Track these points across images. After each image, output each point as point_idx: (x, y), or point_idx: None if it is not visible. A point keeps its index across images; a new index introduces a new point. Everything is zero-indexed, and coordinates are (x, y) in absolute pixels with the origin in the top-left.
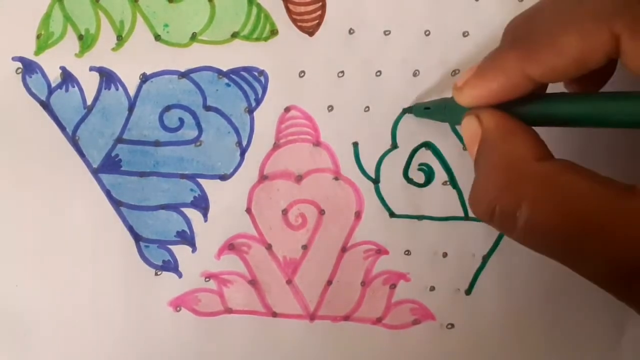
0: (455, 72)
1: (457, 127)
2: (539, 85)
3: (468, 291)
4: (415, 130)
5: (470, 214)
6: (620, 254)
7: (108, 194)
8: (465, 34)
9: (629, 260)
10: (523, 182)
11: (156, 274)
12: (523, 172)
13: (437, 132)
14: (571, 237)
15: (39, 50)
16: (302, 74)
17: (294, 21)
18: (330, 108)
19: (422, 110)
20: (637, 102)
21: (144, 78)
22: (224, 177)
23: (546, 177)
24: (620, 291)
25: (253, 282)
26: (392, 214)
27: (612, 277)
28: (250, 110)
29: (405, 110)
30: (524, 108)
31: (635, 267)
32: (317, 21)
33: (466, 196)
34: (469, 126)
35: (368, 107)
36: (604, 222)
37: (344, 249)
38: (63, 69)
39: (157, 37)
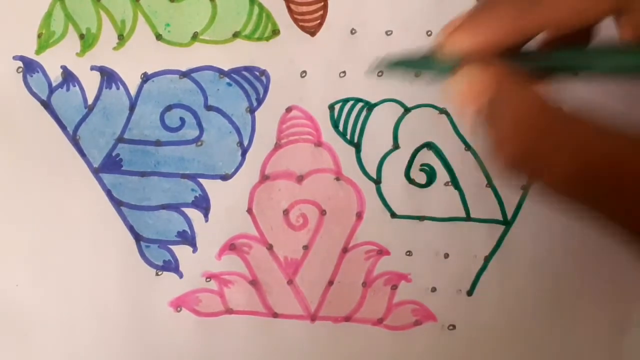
0: None
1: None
2: (525, 40)
3: (469, 292)
4: (416, 131)
5: (472, 215)
6: None
7: (109, 194)
8: None
9: None
10: (558, 128)
11: (157, 274)
12: (556, 118)
13: (438, 132)
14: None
15: (40, 49)
16: (304, 74)
17: (296, 21)
18: (331, 108)
19: (395, 63)
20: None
21: (145, 77)
22: (225, 177)
23: (577, 122)
24: None
25: (254, 283)
26: (393, 215)
27: None
28: (252, 110)
29: (389, 64)
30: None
31: None
32: (318, 21)
33: (468, 197)
34: (473, 78)
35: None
36: None
37: (345, 250)
38: (64, 68)
39: (159, 37)
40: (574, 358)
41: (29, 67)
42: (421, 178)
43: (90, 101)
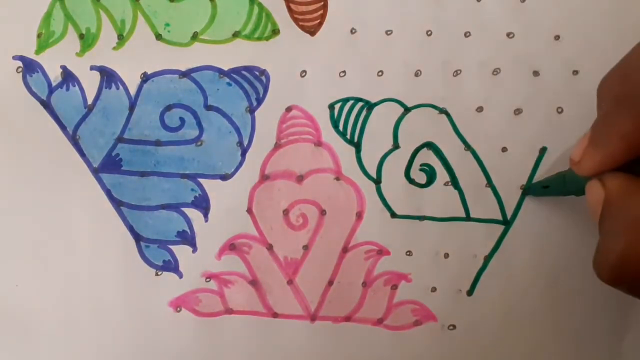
0: (457, 73)
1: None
2: None
3: (470, 292)
4: (416, 131)
5: (472, 215)
6: None
7: (108, 194)
8: (467, 34)
9: None
10: None
11: (156, 274)
12: None
13: (438, 132)
14: None
15: (40, 49)
16: (304, 73)
17: (296, 21)
18: (331, 108)
19: (541, 189)
20: None
21: (145, 77)
22: (224, 177)
23: None
24: None
25: (254, 283)
26: (393, 215)
27: None
28: (252, 110)
29: (524, 192)
30: None
31: None
32: (318, 21)
33: (467, 196)
34: (592, 190)
35: (370, 107)
36: None
37: (345, 250)
38: (64, 68)
39: (158, 37)
40: (573, 358)
41: (29, 67)
42: (421, 178)
43: (90, 101)
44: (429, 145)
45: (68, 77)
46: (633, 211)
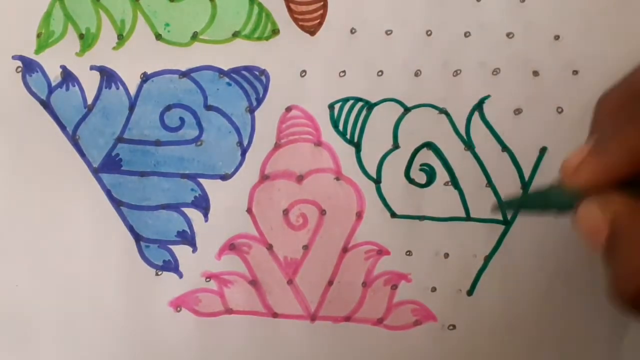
0: (456, 73)
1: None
2: None
3: (470, 292)
4: (416, 131)
5: (472, 214)
6: None
7: (108, 194)
8: (467, 34)
9: None
10: None
11: (156, 274)
12: None
13: (438, 132)
14: None
15: (40, 49)
16: (304, 73)
17: (296, 20)
18: (331, 108)
19: (517, 205)
20: None
21: (145, 77)
22: (224, 177)
23: None
24: None
25: (254, 283)
26: (393, 215)
27: None
28: (251, 110)
29: (503, 206)
30: None
31: None
32: (318, 20)
33: (467, 196)
34: (590, 215)
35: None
36: None
37: (345, 250)
38: (63, 68)
39: (158, 37)
40: (573, 358)
41: (28, 66)
42: (421, 178)
43: (89, 101)
44: (429, 145)
45: (68, 77)
46: None
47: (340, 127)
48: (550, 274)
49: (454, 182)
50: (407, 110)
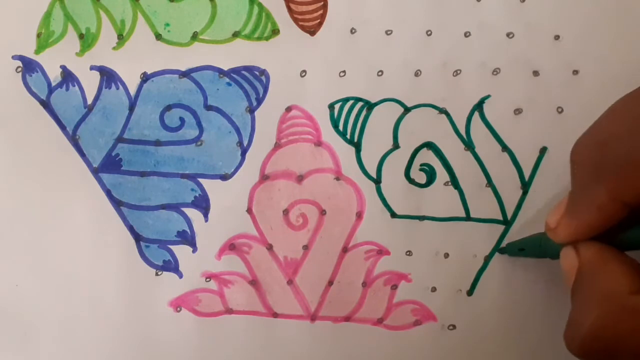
0: (456, 73)
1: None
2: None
3: (470, 292)
4: (416, 131)
5: (472, 214)
6: None
7: (108, 194)
8: (466, 34)
9: None
10: (619, 317)
11: (156, 274)
12: (618, 307)
13: (438, 132)
14: None
15: (40, 49)
16: (304, 73)
17: (296, 20)
18: (331, 108)
19: (517, 250)
20: None
21: (145, 77)
22: (224, 177)
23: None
24: None
25: (254, 283)
26: (393, 215)
27: None
28: (252, 110)
29: (499, 251)
30: (623, 234)
31: None
32: (318, 20)
33: (467, 196)
34: (567, 258)
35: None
36: None
37: (345, 250)
38: (63, 67)
39: (158, 37)
40: (574, 358)
41: (28, 66)
42: (421, 178)
43: (89, 101)
44: (429, 145)
45: (68, 77)
46: (604, 284)
47: (340, 127)
48: (550, 274)
49: (454, 182)
50: (407, 110)
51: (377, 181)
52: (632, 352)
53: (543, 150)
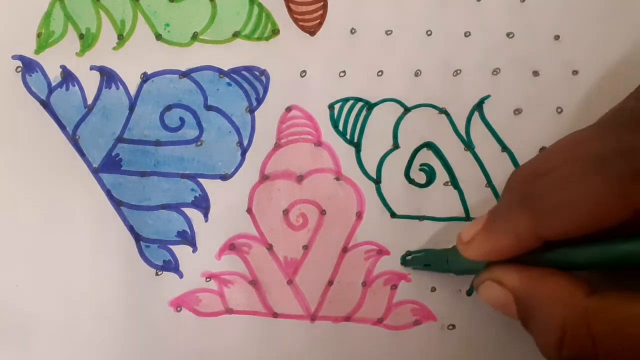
0: (457, 73)
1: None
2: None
3: (470, 292)
4: (416, 131)
5: (472, 215)
6: None
7: (108, 194)
8: (467, 34)
9: None
10: (586, 322)
11: (157, 274)
12: (582, 312)
13: (438, 132)
14: None
15: (40, 49)
16: (304, 73)
17: (296, 21)
18: (331, 108)
19: (423, 266)
20: None
21: (145, 77)
22: (224, 177)
23: (606, 311)
24: None
25: (254, 283)
26: (393, 215)
27: None
28: (252, 110)
29: (402, 264)
30: (534, 260)
31: None
32: (318, 21)
33: (467, 196)
34: (492, 293)
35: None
36: None
37: (345, 250)
38: (63, 68)
39: (158, 37)
40: None
41: (28, 66)
42: (421, 178)
43: (89, 101)
44: (429, 145)
45: (68, 77)
46: (556, 299)
47: (340, 127)
48: None
49: (454, 182)
50: (407, 110)
51: (377, 181)
52: (610, 352)
53: (543, 150)
